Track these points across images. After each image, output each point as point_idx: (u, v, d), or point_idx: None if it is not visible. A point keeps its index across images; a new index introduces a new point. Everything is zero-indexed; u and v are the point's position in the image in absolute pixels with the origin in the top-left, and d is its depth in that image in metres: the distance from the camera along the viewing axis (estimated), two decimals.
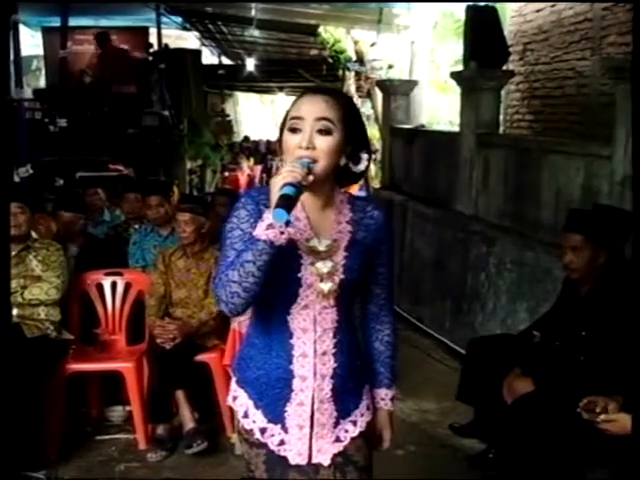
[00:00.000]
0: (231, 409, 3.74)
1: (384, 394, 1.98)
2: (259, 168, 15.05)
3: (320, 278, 1.74)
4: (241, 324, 3.59)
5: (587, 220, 3.17)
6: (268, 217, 1.60)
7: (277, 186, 1.60)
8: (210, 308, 3.87)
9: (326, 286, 1.74)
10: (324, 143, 1.70)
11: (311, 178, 1.66)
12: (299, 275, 1.75)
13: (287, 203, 1.57)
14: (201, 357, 3.86)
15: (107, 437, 3.94)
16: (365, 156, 1.80)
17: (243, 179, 13.23)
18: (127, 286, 4.23)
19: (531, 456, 2.83)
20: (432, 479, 3.48)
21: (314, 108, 1.71)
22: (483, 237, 5.16)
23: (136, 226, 4.94)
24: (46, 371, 3.52)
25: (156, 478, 3.53)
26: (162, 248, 4.22)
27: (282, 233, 1.60)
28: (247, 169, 14.22)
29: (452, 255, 5.60)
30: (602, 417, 2.67)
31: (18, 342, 3.55)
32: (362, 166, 1.80)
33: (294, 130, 1.71)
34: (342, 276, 1.77)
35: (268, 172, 15.32)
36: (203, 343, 3.90)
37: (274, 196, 1.60)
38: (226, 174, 13.16)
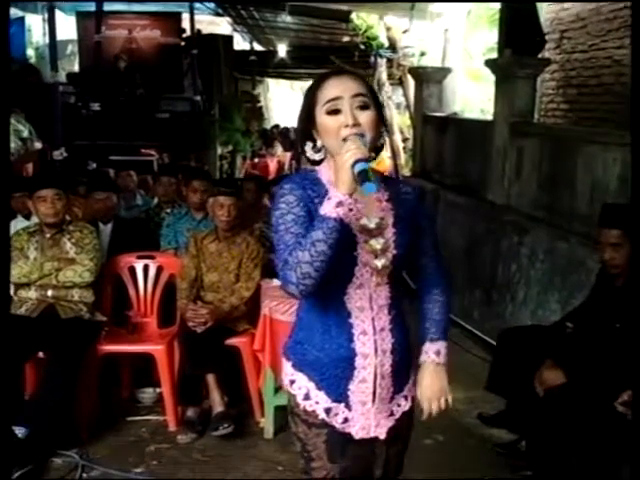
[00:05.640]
0: (260, 393, 3.84)
1: (426, 348, 1.98)
2: (288, 155, 15.03)
3: (374, 255, 1.77)
4: (272, 309, 3.62)
5: (625, 214, 3.11)
6: (337, 195, 1.63)
7: (348, 163, 1.63)
8: (241, 292, 3.90)
9: (380, 262, 1.77)
10: (366, 117, 1.74)
11: (373, 154, 1.71)
12: (355, 254, 1.78)
13: (368, 177, 1.61)
14: (231, 341, 3.87)
15: (138, 418, 3.98)
16: (383, 129, 1.84)
17: (273, 165, 13.22)
18: (159, 269, 4.26)
19: (563, 448, 2.81)
20: (460, 468, 3.47)
21: (348, 86, 1.75)
22: (515, 227, 5.10)
23: (168, 210, 4.98)
24: (80, 352, 3.57)
25: (185, 460, 3.57)
26: (195, 232, 4.24)
27: (351, 210, 1.65)
28: (278, 156, 14.20)
29: (483, 244, 5.55)
30: None
31: (53, 323, 3.62)
32: (382, 140, 1.84)
33: (334, 112, 1.74)
34: (394, 252, 1.81)
35: (297, 159, 15.25)
36: (234, 327, 3.92)
37: (344, 174, 1.63)
38: (256, 160, 13.17)
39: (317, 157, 1.82)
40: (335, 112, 1.74)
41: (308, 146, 1.82)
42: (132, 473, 3.42)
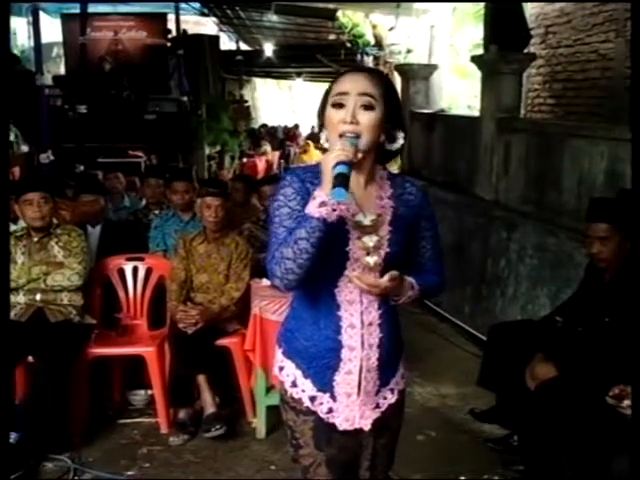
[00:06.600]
0: (251, 394, 3.83)
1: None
2: (277, 154, 15.04)
3: (366, 252, 1.78)
4: (262, 309, 3.61)
5: (613, 208, 3.14)
6: (320, 195, 1.66)
7: (330, 165, 1.65)
8: (231, 293, 3.89)
9: (372, 259, 1.78)
10: (367, 118, 1.76)
11: (360, 155, 1.73)
12: (347, 249, 1.80)
13: (344, 181, 1.62)
14: (222, 342, 3.87)
15: (130, 421, 3.97)
16: (401, 134, 1.85)
17: (261, 165, 13.21)
18: (148, 271, 4.25)
19: (555, 442, 2.82)
20: (452, 464, 3.48)
21: (357, 84, 1.78)
22: (504, 222, 5.12)
23: (156, 211, 4.96)
24: (69, 355, 3.55)
25: (178, 461, 3.56)
26: (183, 233, 4.23)
27: (334, 210, 1.66)
28: (266, 155, 14.20)
29: (472, 240, 5.57)
30: (626, 402, 2.65)
31: (42, 327, 3.59)
32: (397, 145, 1.86)
33: (338, 105, 1.77)
34: (387, 250, 1.82)
35: (286, 158, 15.30)
36: (224, 328, 3.91)
37: (327, 175, 1.65)
38: (244, 160, 13.15)
39: (327, 146, 1.85)
40: (339, 106, 1.77)
41: (323, 133, 1.86)
42: (124, 476, 3.41)
